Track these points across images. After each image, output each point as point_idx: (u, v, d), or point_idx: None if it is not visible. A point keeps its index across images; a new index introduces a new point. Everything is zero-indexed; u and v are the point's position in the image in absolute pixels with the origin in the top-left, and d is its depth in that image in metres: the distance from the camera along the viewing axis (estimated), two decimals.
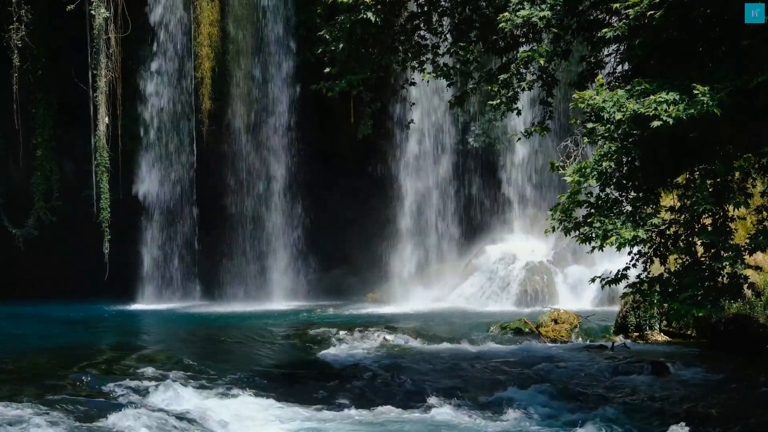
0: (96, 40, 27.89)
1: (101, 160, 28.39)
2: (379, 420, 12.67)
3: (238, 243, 30.27)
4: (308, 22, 27.40)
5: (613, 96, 9.73)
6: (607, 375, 15.62)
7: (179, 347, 19.09)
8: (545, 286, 26.47)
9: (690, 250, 10.48)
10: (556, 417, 12.67)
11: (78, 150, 29.69)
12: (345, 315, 24.90)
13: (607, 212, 10.20)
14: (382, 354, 17.62)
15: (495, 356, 17.40)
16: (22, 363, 15.91)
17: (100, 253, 28.37)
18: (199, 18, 29.27)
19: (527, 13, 10.90)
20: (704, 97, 9.03)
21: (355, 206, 29.61)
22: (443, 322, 22.51)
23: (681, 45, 10.28)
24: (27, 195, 30.11)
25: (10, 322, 23.75)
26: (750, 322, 17.26)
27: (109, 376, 14.34)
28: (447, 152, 29.96)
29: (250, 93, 29.69)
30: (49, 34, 29.09)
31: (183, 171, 30.04)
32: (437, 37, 13.34)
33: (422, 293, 28.29)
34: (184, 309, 27.86)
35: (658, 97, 9.29)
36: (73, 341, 19.88)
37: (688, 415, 12.66)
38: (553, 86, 12.53)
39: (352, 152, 29.17)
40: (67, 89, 29.22)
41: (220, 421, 12.28)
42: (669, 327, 18.91)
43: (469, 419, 12.62)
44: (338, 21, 12.36)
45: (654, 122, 9.26)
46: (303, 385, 14.80)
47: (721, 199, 10.04)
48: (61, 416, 11.66)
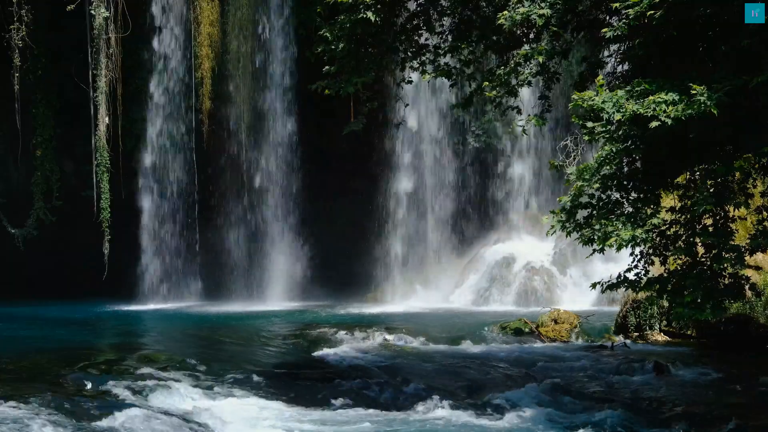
0: (96, 40, 27.89)
1: (101, 160, 28.39)
2: (379, 420, 12.67)
3: (237, 243, 30.29)
4: (308, 22, 27.41)
5: (613, 96, 9.72)
6: (607, 375, 15.62)
7: (179, 347, 19.09)
8: (545, 286, 26.47)
9: (690, 250, 10.47)
10: (556, 417, 12.66)
11: (78, 150, 29.70)
12: (345, 315, 24.89)
13: (607, 214, 10.19)
14: (382, 354, 17.61)
15: (495, 356, 17.40)
16: (22, 363, 15.89)
17: (100, 252, 28.37)
18: (199, 18, 29.27)
19: (527, 10, 10.90)
20: (701, 96, 9.02)
21: (355, 206, 29.61)
22: (443, 322, 22.50)
23: (681, 45, 10.27)
24: (27, 195, 30.11)
25: (10, 322, 23.74)
26: (750, 322, 17.27)
27: (109, 376, 14.31)
28: (447, 152, 29.96)
29: (249, 93, 29.70)
30: (49, 34, 29.10)
31: (183, 171, 30.05)
32: (437, 36, 13.34)
33: (422, 293, 28.30)
34: (184, 309, 27.85)
35: (657, 98, 9.28)
36: (73, 341, 19.86)
37: (688, 415, 12.67)
38: (552, 81, 12.52)
39: (352, 152, 29.17)
40: (67, 89, 29.24)
41: (220, 420, 12.28)
42: (669, 327, 18.91)
43: (469, 419, 12.62)
44: (338, 20, 12.37)
45: (653, 123, 9.25)
46: (303, 385, 14.80)
47: (721, 200, 10.03)
48: (61, 416, 11.65)
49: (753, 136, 9.63)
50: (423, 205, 29.90)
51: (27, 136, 29.31)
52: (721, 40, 10.00)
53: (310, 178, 29.75)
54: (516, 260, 27.48)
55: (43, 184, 30.16)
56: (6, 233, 29.95)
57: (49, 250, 29.66)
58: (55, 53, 29.55)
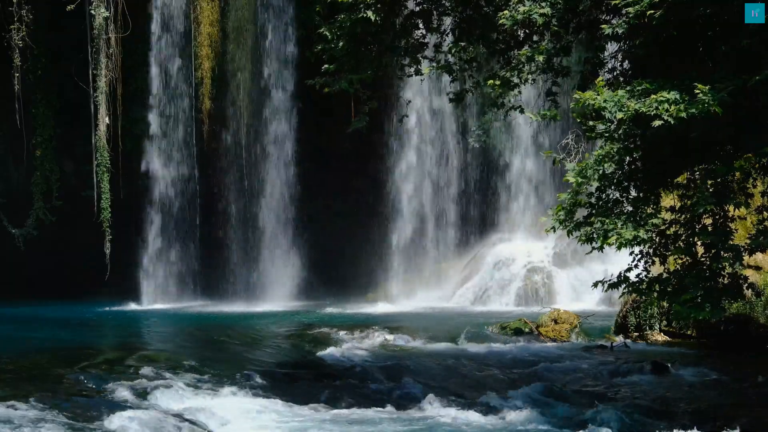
0: (96, 40, 27.91)
1: (102, 160, 28.39)
2: (379, 420, 12.66)
3: (238, 243, 30.28)
4: (308, 22, 27.44)
5: (614, 96, 9.72)
6: (607, 375, 15.61)
7: (179, 347, 19.09)
8: (545, 286, 26.48)
9: (690, 250, 10.46)
10: (556, 417, 12.66)
11: (78, 150, 29.71)
12: (345, 315, 24.90)
13: (607, 212, 10.19)
14: (382, 354, 17.61)
15: (495, 356, 17.39)
16: (22, 363, 15.88)
17: (100, 252, 28.38)
18: (199, 18, 29.29)
19: (527, 9, 10.90)
20: (705, 96, 9.02)
21: (355, 206, 29.62)
22: (443, 322, 22.50)
23: (681, 45, 10.27)
24: (27, 195, 30.11)
25: (10, 322, 23.75)
26: (750, 322, 17.26)
27: (109, 376, 14.31)
28: (447, 152, 29.97)
29: (249, 93, 29.70)
30: (49, 34, 29.10)
31: (183, 171, 30.06)
32: (438, 35, 13.34)
33: (422, 293, 28.30)
34: (184, 309, 27.86)
35: (659, 97, 9.27)
36: (73, 341, 19.86)
37: (688, 415, 12.66)
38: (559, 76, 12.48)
39: (352, 152, 29.18)
40: (67, 89, 29.25)
41: (220, 420, 12.28)
42: (669, 327, 18.90)
43: (468, 419, 12.61)
44: (338, 20, 12.36)
45: (655, 122, 9.24)
46: (303, 385, 14.79)
47: (721, 200, 10.03)
48: (61, 416, 11.65)
49: (753, 136, 9.63)
50: (423, 205, 29.91)
51: (27, 136, 29.32)
52: (721, 40, 10.00)
53: (310, 177, 29.75)
54: (516, 260, 27.49)
55: (43, 184, 30.17)
56: (6, 233, 29.95)
57: (49, 250, 29.67)
58: (55, 53, 29.57)
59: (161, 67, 29.71)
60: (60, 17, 27.85)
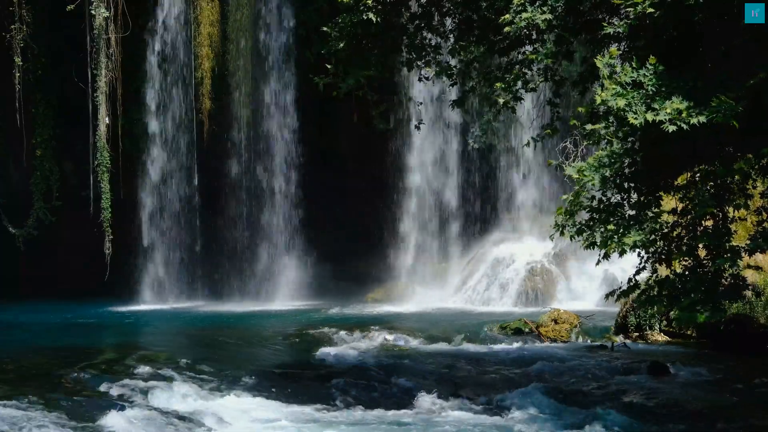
0: (96, 40, 27.88)
1: (102, 160, 28.38)
2: (379, 420, 12.68)
3: (238, 243, 30.29)
4: (308, 22, 27.43)
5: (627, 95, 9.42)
6: (607, 375, 15.61)
7: (179, 347, 19.09)
8: (545, 286, 26.47)
9: (692, 252, 10.44)
10: (556, 417, 12.66)
11: (78, 150, 29.66)
12: (345, 315, 24.89)
13: (608, 217, 10.12)
14: (382, 354, 17.62)
15: (495, 356, 17.40)
16: (22, 363, 15.91)
17: (100, 253, 28.35)
18: (199, 18, 29.28)
19: (529, 15, 10.86)
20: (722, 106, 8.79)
21: (356, 206, 29.61)
22: (443, 322, 22.49)
23: (681, 45, 10.26)
24: (27, 195, 30.10)
25: (10, 322, 23.74)
26: (750, 322, 17.26)
27: (109, 376, 14.33)
28: (447, 153, 29.97)
29: (250, 93, 29.70)
30: (49, 34, 29.09)
31: (183, 171, 30.06)
32: (439, 37, 13.32)
33: (422, 293, 28.28)
34: (184, 309, 27.86)
35: (674, 105, 9.06)
36: (73, 341, 19.87)
37: (687, 415, 12.67)
38: (560, 86, 12.48)
39: (353, 152, 29.17)
40: (67, 89, 29.23)
41: (220, 420, 12.29)
42: (669, 327, 18.91)
43: (468, 419, 12.62)
44: (339, 20, 12.34)
45: (670, 127, 8.97)
46: (303, 385, 14.80)
47: (721, 201, 10.00)
48: (61, 416, 11.67)
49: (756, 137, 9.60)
50: (423, 206, 29.91)
51: (27, 136, 29.31)
52: (721, 40, 9.98)
53: (310, 177, 29.74)
54: (516, 260, 27.48)
55: (43, 184, 30.15)
56: (6, 233, 29.95)
57: (49, 250, 29.65)
58: (55, 53, 29.54)
59: (161, 67, 29.70)
60: (60, 17, 27.83)
